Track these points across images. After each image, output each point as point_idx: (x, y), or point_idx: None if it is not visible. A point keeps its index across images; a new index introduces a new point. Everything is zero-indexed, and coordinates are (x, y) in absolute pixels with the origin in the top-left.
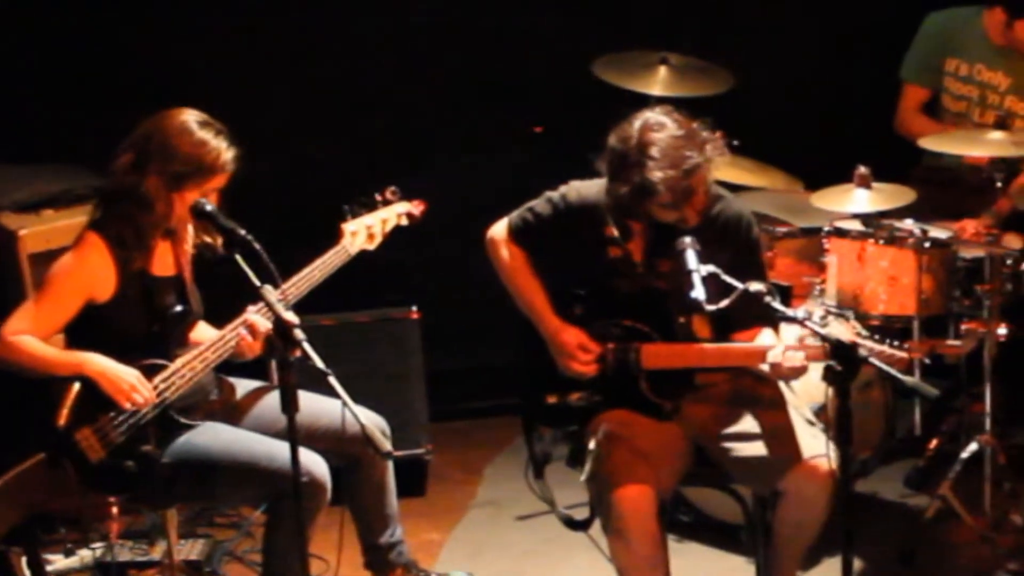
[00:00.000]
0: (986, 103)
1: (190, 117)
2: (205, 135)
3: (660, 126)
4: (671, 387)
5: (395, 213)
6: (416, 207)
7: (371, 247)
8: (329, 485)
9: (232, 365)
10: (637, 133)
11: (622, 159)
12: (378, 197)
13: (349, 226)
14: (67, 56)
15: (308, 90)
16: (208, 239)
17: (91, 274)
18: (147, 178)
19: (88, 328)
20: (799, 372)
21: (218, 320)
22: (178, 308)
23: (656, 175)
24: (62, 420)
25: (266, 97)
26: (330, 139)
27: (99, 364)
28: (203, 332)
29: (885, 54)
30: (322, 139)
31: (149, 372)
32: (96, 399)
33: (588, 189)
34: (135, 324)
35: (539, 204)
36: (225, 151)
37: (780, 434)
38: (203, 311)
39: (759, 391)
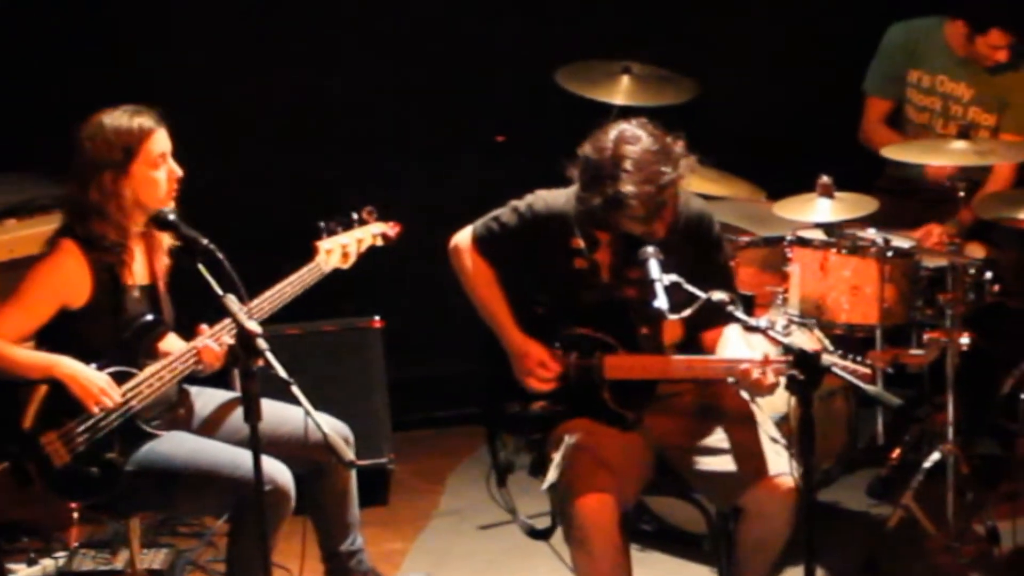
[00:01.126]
0: (949, 114)
1: (96, 115)
2: (114, 115)
3: (635, 139)
4: (634, 397)
5: (371, 233)
6: (392, 228)
7: (345, 266)
8: (293, 493)
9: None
10: (612, 145)
11: (596, 170)
12: (355, 216)
13: (324, 244)
14: (25, 64)
15: (272, 99)
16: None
17: (66, 280)
18: (89, 187)
19: (59, 334)
20: (770, 388)
21: (193, 329)
22: (149, 317)
23: (629, 188)
24: (28, 422)
25: (231, 106)
26: (293, 148)
27: (70, 367)
28: (173, 343)
29: (848, 63)
30: (285, 148)
31: (117, 379)
32: (63, 404)
33: (554, 199)
34: (106, 331)
35: (504, 213)
36: (138, 115)
37: (743, 450)
38: (174, 322)
39: (725, 404)
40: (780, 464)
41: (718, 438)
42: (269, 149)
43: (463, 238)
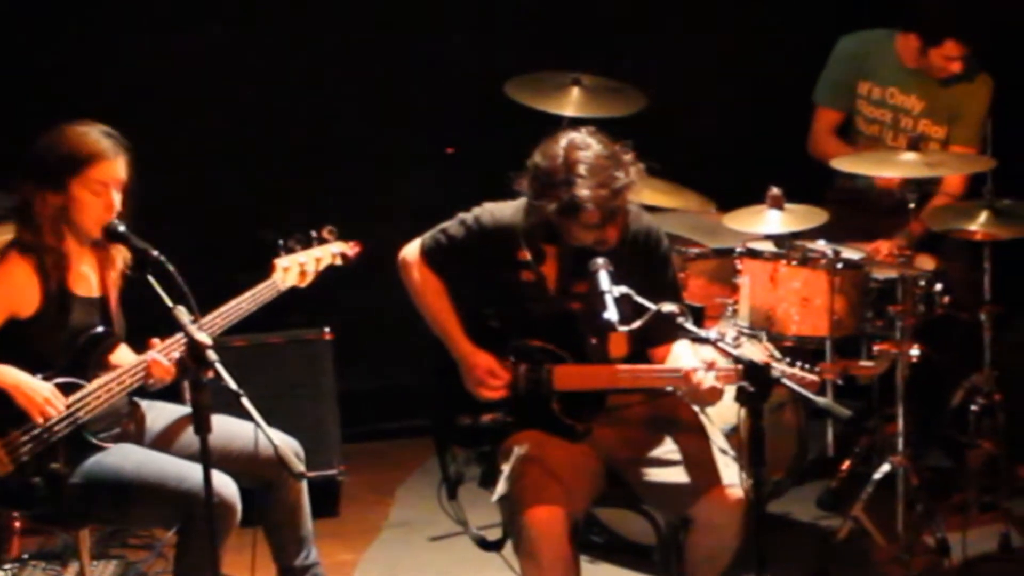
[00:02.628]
0: (899, 126)
1: (66, 126)
2: (79, 130)
3: (586, 145)
4: (583, 409)
5: (329, 252)
6: (351, 248)
7: (302, 285)
8: (238, 506)
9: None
10: (564, 152)
11: (549, 177)
12: (314, 234)
13: (281, 262)
14: None
15: (219, 112)
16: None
17: (14, 290)
18: (35, 194)
19: (7, 343)
20: (714, 395)
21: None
22: (99, 329)
23: (584, 192)
24: None
25: (179, 117)
26: (240, 160)
27: (14, 377)
28: (124, 355)
29: (797, 75)
30: (231, 160)
31: (65, 391)
32: (8, 413)
33: (502, 212)
34: (54, 342)
35: (452, 226)
36: (102, 140)
37: (692, 461)
38: (125, 334)
39: (674, 415)
40: (729, 475)
41: (667, 449)
42: (219, 160)
43: (411, 251)
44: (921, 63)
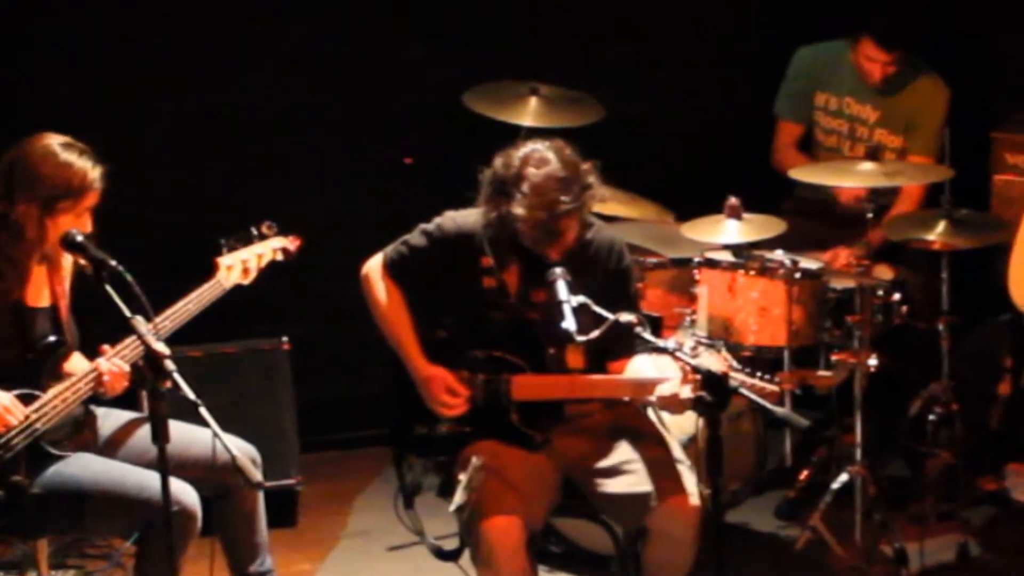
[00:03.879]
0: (856, 136)
1: (52, 141)
2: (69, 156)
3: (543, 162)
4: (541, 419)
5: (271, 248)
6: (292, 243)
7: (246, 281)
8: (199, 515)
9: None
10: (518, 164)
11: (497, 185)
12: (254, 231)
13: (224, 260)
14: None
15: (179, 119)
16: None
17: None
18: (16, 206)
19: None
20: (685, 406)
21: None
22: (51, 339)
23: (519, 211)
24: None
25: (138, 125)
26: (200, 169)
27: None
28: (78, 363)
29: (755, 85)
30: (193, 168)
31: (21, 401)
32: None
33: (464, 218)
34: (8, 353)
35: (413, 237)
36: (91, 170)
37: (648, 470)
38: (78, 342)
39: (632, 425)
40: (684, 484)
41: (624, 459)
42: (177, 170)
43: (374, 265)
44: (863, 72)
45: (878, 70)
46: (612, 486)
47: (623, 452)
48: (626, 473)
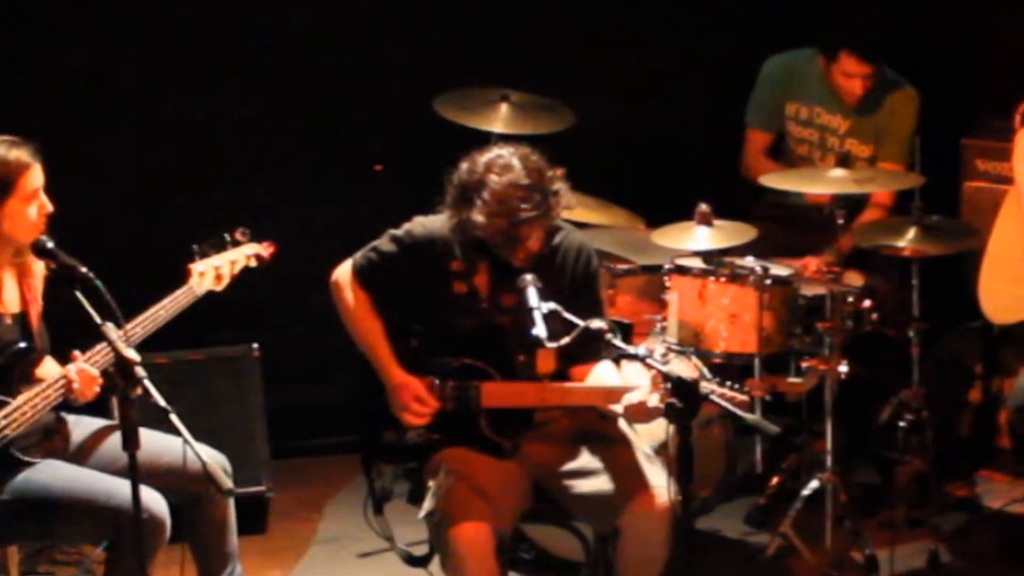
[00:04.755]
0: (826, 146)
1: None
2: None
3: (506, 169)
4: (510, 425)
5: (244, 254)
6: (265, 249)
7: (219, 288)
8: (168, 522)
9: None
10: (481, 170)
11: (459, 188)
12: (227, 238)
13: (197, 266)
14: None
15: (150, 127)
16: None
17: None
18: None
19: None
20: (655, 414)
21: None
22: (21, 345)
23: (478, 218)
24: None
25: (109, 133)
26: (172, 176)
27: None
28: (49, 369)
29: (725, 91)
30: (164, 176)
31: None
32: None
33: (433, 223)
34: None
35: (383, 242)
36: (15, 149)
37: (619, 471)
38: (48, 348)
39: (598, 427)
40: (655, 483)
41: (593, 461)
42: (150, 176)
43: (344, 271)
44: (835, 87)
45: (859, 85)
46: (582, 487)
47: (591, 454)
48: (596, 474)
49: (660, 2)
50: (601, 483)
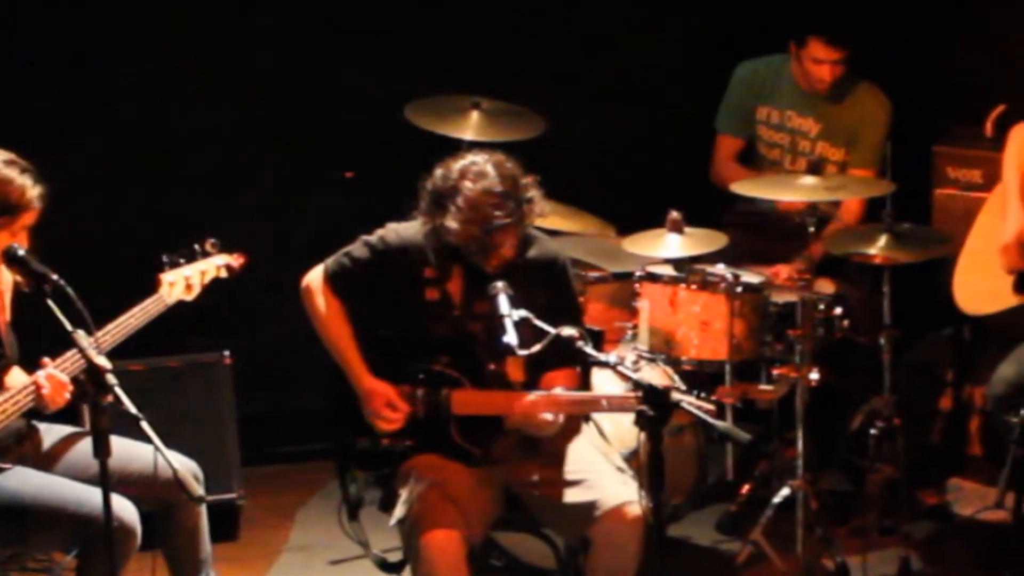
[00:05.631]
0: (797, 150)
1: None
2: (10, 173)
3: (479, 176)
4: (481, 433)
5: (214, 265)
6: (235, 259)
7: (189, 298)
8: (139, 530)
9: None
10: (455, 176)
11: (432, 195)
12: (197, 248)
13: (167, 276)
14: None
15: (121, 134)
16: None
17: None
18: None
19: None
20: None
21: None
22: None
23: (452, 225)
24: None
25: (78, 140)
26: (143, 184)
27: None
28: (17, 379)
29: (696, 98)
30: (135, 184)
31: None
32: None
33: (407, 229)
34: None
35: (356, 248)
36: (31, 188)
37: (588, 481)
38: (17, 357)
39: (568, 438)
40: (627, 493)
41: (564, 470)
42: (121, 185)
43: (315, 277)
44: (806, 82)
45: (827, 71)
46: (553, 497)
47: (563, 463)
48: (567, 484)
49: (631, 9)
50: (572, 494)
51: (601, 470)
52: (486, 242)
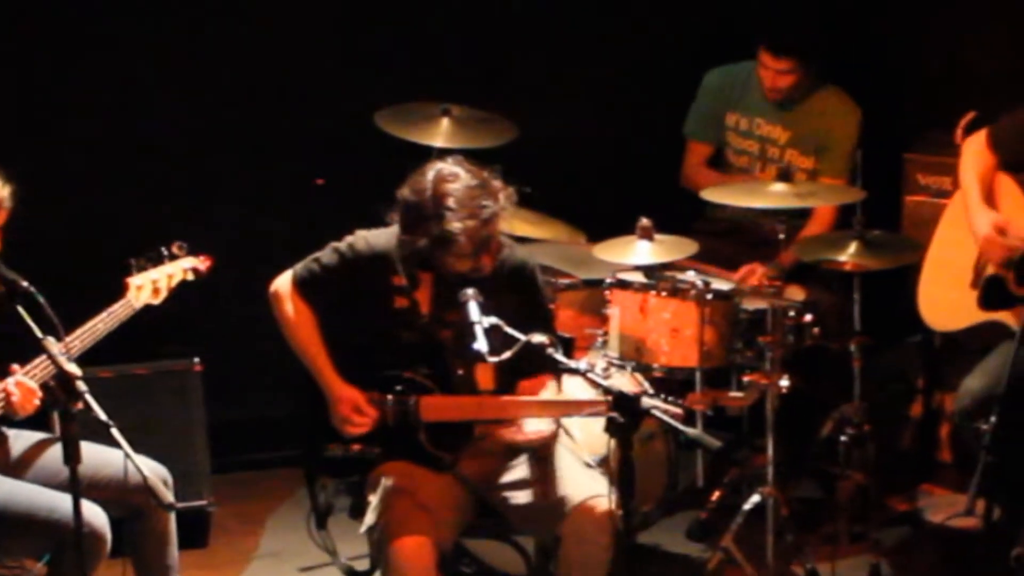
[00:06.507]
0: (766, 157)
1: None
2: None
3: (454, 176)
4: (450, 439)
5: (181, 268)
6: (202, 262)
7: (156, 301)
8: (109, 536)
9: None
10: (432, 184)
11: (418, 211)
12: (164, 251)
13: (135, 280)
14: None
15: (91, 139)
16: None
17: None
18: None
19: None
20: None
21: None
22: None
23: (455, 226)
24: None
25: (46, 146)
26: (113, 190)
27: None
28: None
29: (666, 106)
30: (105, 189)
31: None
32: None
33: (376, 238)
34: None
35: (325, 254)
36: (3, 190)
37: (557, 479)
38: None
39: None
40: (594, 488)
41: (534, 471)
42: (87, 190)
43: (283, 282)
44: (763, 86)
45: (776, 79)
46: (522, 497)
47: (531, 464)
48: (535, 485)
49: (600, 16)
50: (541, 493)
51: (569, 467)
52: (486, 236)
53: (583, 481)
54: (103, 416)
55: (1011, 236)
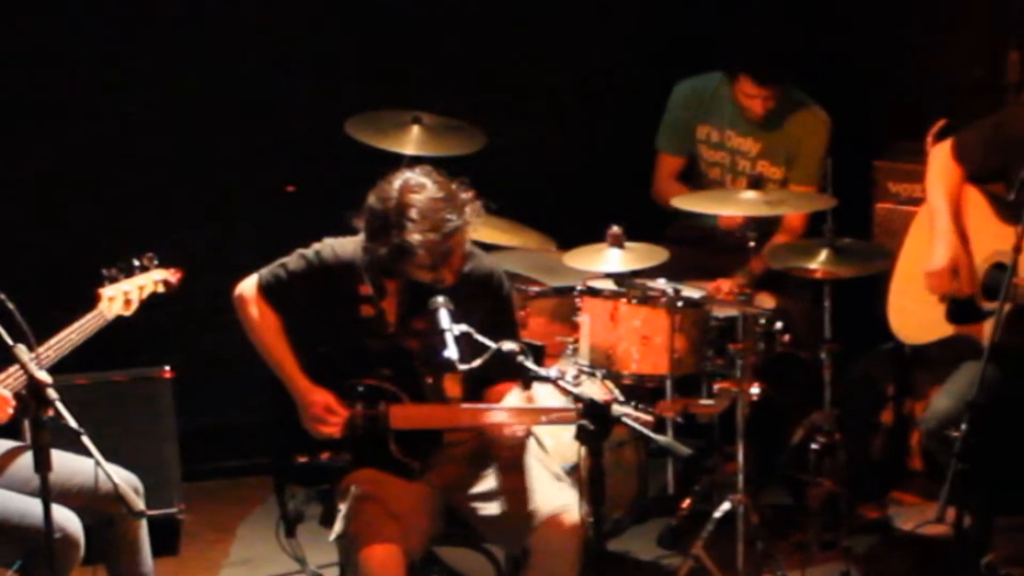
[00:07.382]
0: (737, 169)
1: None
2: None
3: (420, 187)
4: (420, 447)
5: (152, 280)
6: (173, 275)
7: (127, 313)
8: (82, 542)
9: None
10: (397, 194)
11: (381, 220)
12: (136, 263)
13: (107, 291)
14: None
15: (62, 150)
16: None
17: None
18: None
19: None
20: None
21: None
22: None
23: (415, 238)
24: None
25: (15, 155)
26: (82, 198)
27: None
28: None
29: (637, 114)
30: (74, 198)
31: None
32: None
33: (343, 246)
34: None
35: (291, 260)
36: None
37: (526, 490)
38: None
39: (505, 448)
40: (562, 500)
41: (503, 481)
42: (59, 200)
43: (248, 286)
44: (744, 108)
45: (758, 105)
46: (491, 508)
47: (500, 475)
48: (505, 495)
49: (571, 25)
50: (510, 504)
51: (539, 478)
52: (446, 249)
53: (552, 493)
54: (74, 423)
55: (961, 279)
